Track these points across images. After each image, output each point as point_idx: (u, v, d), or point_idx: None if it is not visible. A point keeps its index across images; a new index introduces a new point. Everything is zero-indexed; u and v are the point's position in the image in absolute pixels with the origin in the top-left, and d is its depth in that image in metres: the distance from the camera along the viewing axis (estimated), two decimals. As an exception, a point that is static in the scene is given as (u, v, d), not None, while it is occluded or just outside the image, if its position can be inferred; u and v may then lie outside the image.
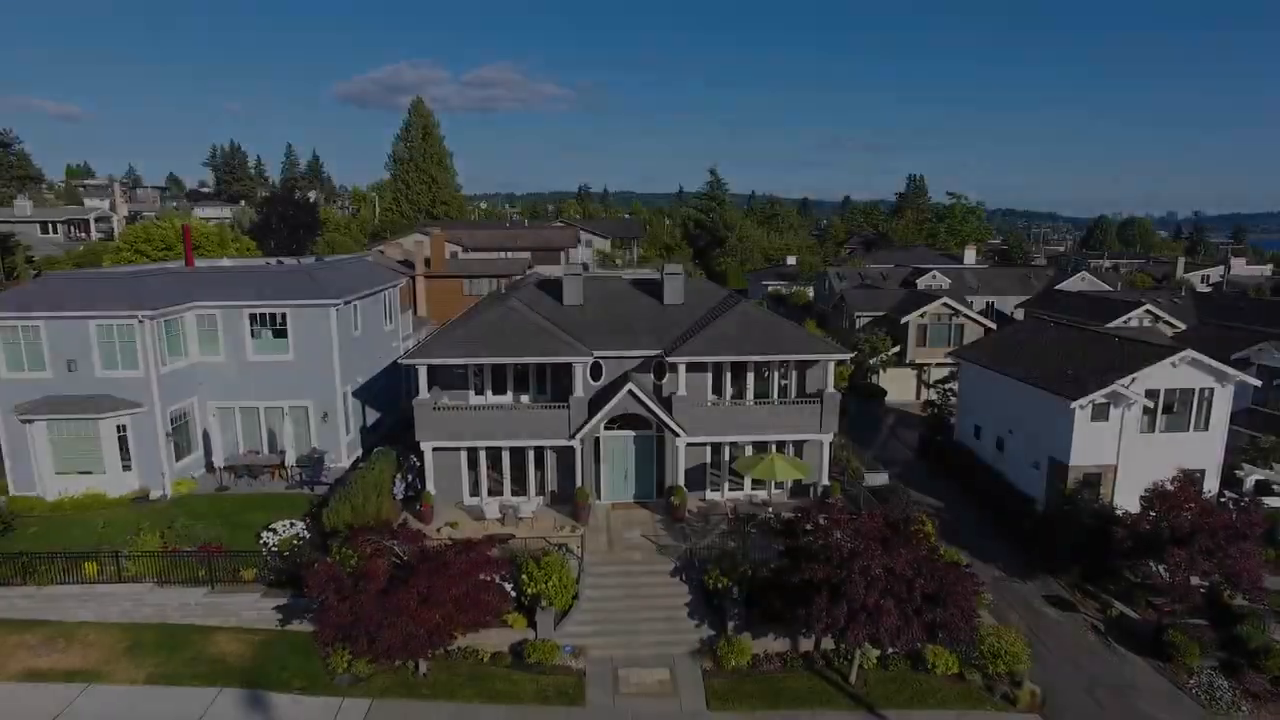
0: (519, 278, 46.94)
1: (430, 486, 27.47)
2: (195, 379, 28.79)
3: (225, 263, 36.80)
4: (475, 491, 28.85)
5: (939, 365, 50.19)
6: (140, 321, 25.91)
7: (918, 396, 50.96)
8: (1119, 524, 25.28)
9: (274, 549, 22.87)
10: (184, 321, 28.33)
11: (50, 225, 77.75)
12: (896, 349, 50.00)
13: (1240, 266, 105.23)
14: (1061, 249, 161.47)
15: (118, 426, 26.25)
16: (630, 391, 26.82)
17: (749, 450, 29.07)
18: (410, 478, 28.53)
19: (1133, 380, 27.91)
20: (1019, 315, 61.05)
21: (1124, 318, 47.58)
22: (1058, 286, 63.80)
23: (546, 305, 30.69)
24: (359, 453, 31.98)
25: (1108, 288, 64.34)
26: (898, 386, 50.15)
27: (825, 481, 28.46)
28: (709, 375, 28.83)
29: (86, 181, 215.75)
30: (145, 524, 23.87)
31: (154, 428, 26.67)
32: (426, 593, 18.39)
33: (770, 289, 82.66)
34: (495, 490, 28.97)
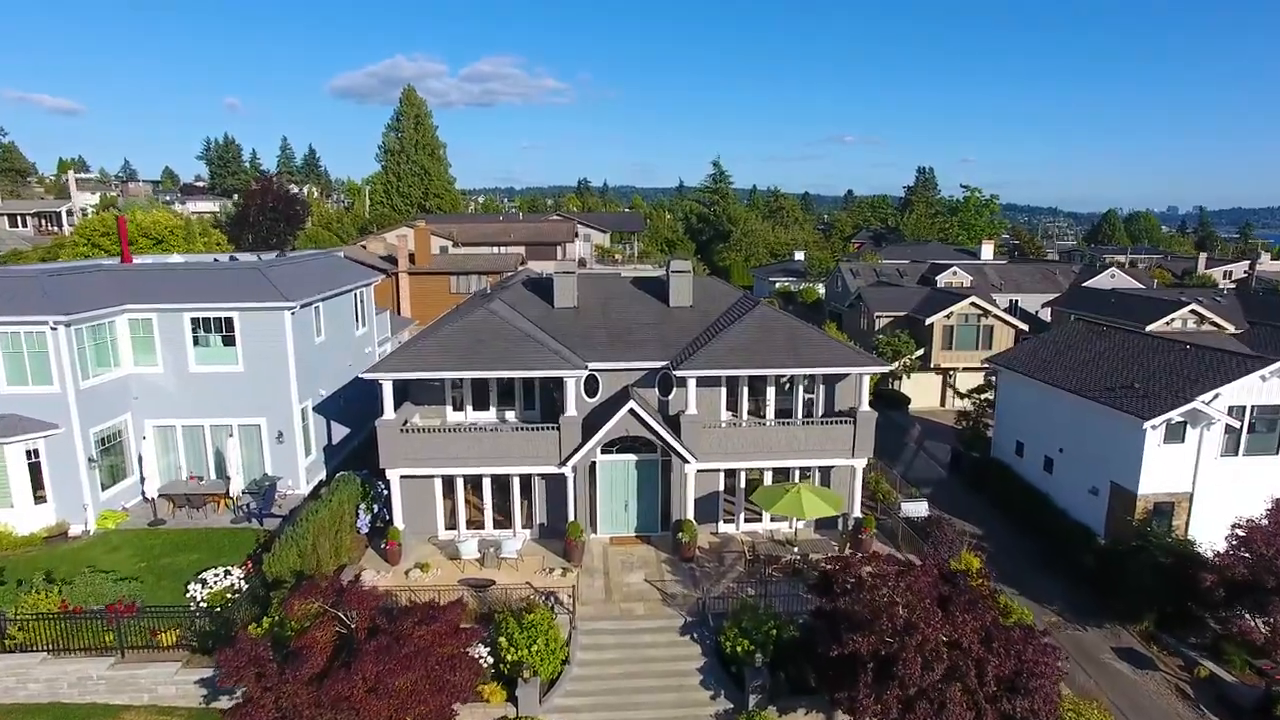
0: (509, 274, 43.06)
1: (398, 521, 23.58)
2: (128, 394, 24.88)
3: (176, 259, 32.84)
4: (452, 523, 24.98)
5: (966, 370, 46.37)
6: (53, 328, 22.00)
7: (942, 403, 47.09)
8: (1206, 567, 21.50)
9: (203, 604, 19.00)
10: (114, 327, 24.40)
11: (20, 219, 73.77)
12: (920, 352, 46.10)
13: (1265, 262, 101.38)
14: (1073, 243, 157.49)
15: (28, 452, 22.35)
16: (631, 411, 22.93)
17: (768, 477, 25.17)
18: (377, 508, 24.66)
19: (1215, 396, 24.02)
20: (1044, 315, 57.26)
21: (1167, 319, 43.78)
22: (1085, 284, 59.90)
23: (534, 308, 26.76)
24: (323, 475, 28.09)
25: (1139, 285, 60.42)
26: (921, 393, 46.27)
27: (857, 513, 24.57)
28: (723, 390, 24.93)
29: (79, 175, 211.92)
30: (59, 568, 20.03)
31: (73, 452, 22.78)
32: (375, 680, 14.52)
33: (778, 286, 78.78)
34: (475, 522, 25.10)
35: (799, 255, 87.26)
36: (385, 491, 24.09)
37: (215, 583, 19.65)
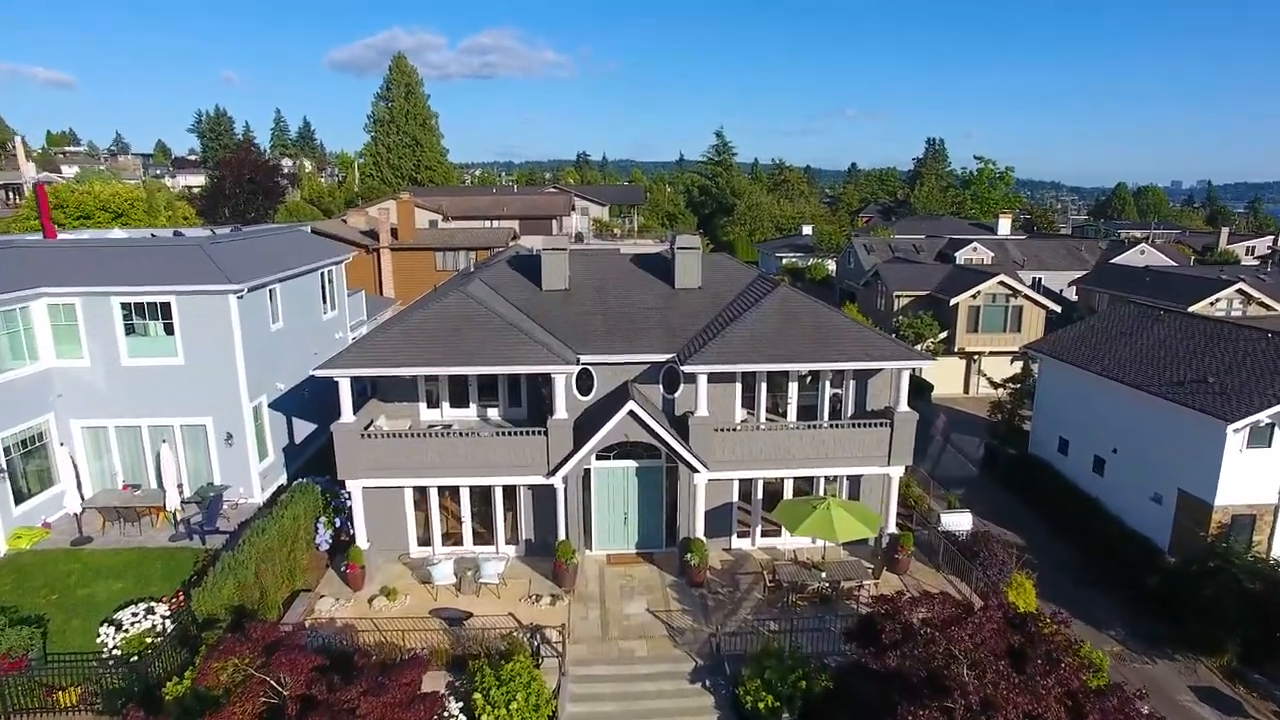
0: (500, 250, 39.52)
1: (361, 540, 20.35)
2: (49, 391, 21.53)
3: (116, 234, 29.25)
4: (426, 539, 21.76)
5: (993, 355, 42.99)
6: (-54, 317, 18.61)
7: (966, 390, 43.77)
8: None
9: (116, 652, 15.79)
10: (28, 314, 20.98)
11: (-14, 191, 69.91)
12: (943, 335, 42.67)
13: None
14: (1085, 219, 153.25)
15: (-79, 462, 19.09)
16: (631, 413, 19.59)
17: (789, 486, 21.91)
18: (340, 521, 21.46)
19: (1312, 394, 20.69)
20: (1069, 294, 53.77)
21: (1211, 298, 40.34)
22: (1114, 260, 56.32)
23: (519, 291, 23.33)
24: (283, 479, 24.86)
25: (1172, 262, 56.82)
26: (944, 379, 42.86)
27: (892, 529, 21.34)
28: (737, 386, 21.58)
29: (68, 149, 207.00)
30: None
31: (-23, 461, 19.50)
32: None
33: (785, 262, 75.08)
34: (453, 536, 21.88)
35: (806, 230, 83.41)
36: (349, 501, 20.83)
37: (133, 624, 16.40)
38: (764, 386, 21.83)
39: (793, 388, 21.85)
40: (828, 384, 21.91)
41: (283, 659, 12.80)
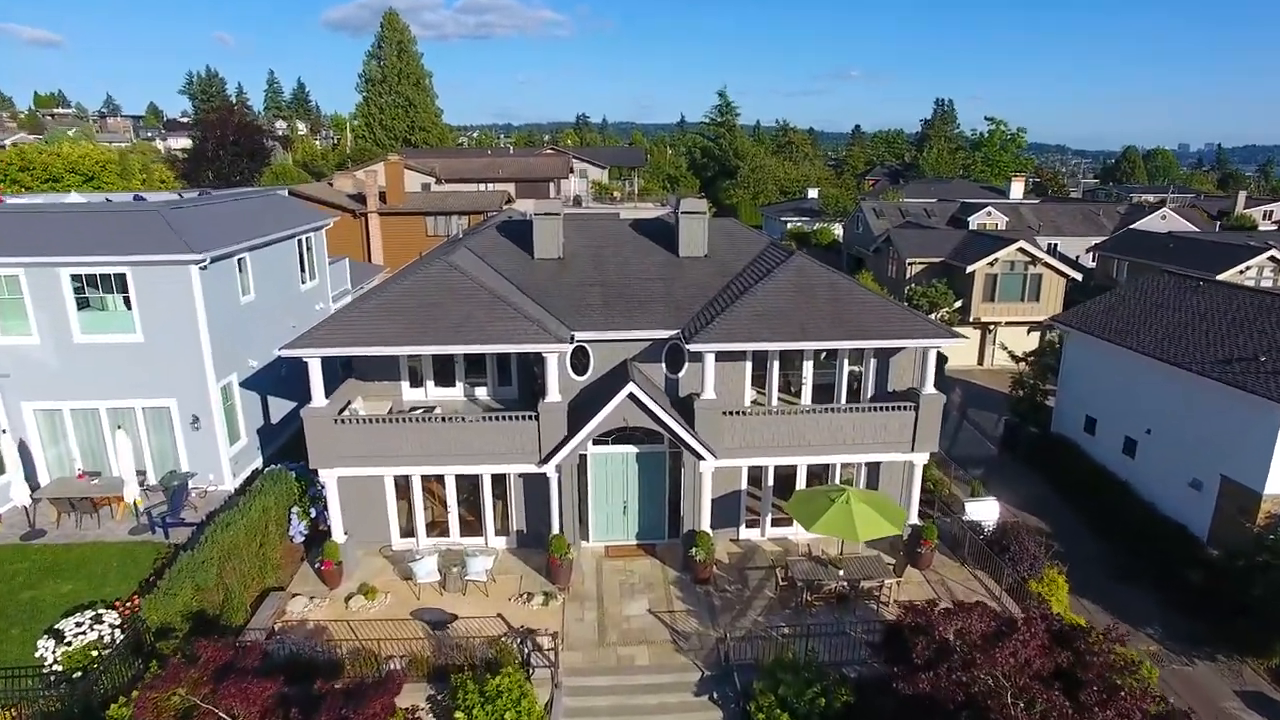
0: (494, 214, 37.41)
1: (337, 533, 18.70)
2: (-5, 370, 19.73)
3: (73, 198, 27.11)
4: (409, 529, 20.13)
5: (1009, 325, 41.12)
6: None
7: (980, 362, 41.99)
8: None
9: (56, 668, 14.21)
10: (-32, 287, 19.10)
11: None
12: (958, 304, 40.73)
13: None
14: (1094, 182, 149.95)
15: None
16: (631, 397, 17.79)
17: (802, 473, 20.21)
18: (316, 511, 19.82)
19: (1376, 375, 18.88)
20: (1086, 260, 51.66)
21: (1240, 266, 38.35)
22: (1134, 226, 54.12)
23: (509, 260, 21.39)
24: (258, 463, 23.19)
25: (1194, 228, 54.60)
26: (959, 350, 40.92)
27: (914, 519, 19.68)
28: (747, 364, 19.77)
29: (56, 111, 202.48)
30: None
31: (-87, 449, 17.76)
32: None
33: (790, 226, 72.79)
34: (438, 526, 20.26)
35: (812, 193, 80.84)
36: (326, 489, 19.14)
37: (77, 635, 14.79)
38: (776, 365, 20.02)
39: (807, 366, 20.04)
40: (845, 362, 20.10)
41: (233, 688, 11.18)
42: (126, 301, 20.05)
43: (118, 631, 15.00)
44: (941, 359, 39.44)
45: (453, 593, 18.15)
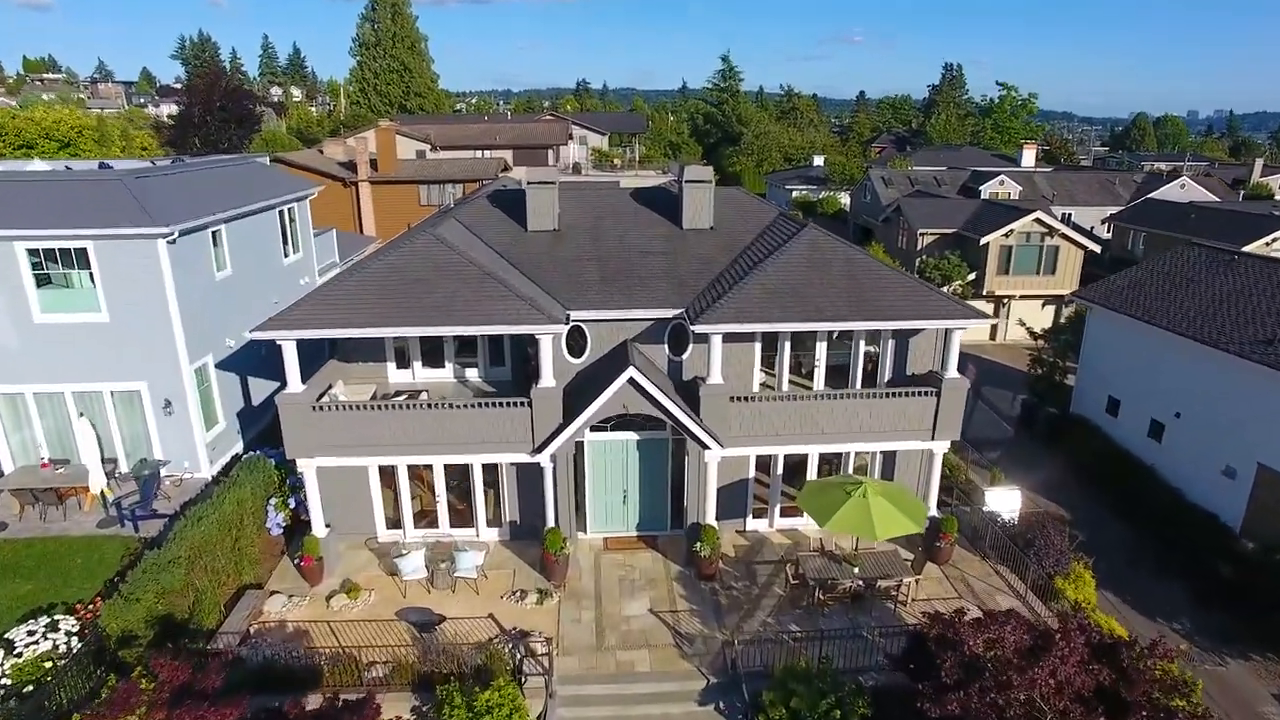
0: (489, 182, 35.81)
1: (317, 527, 17.55)
2: (-51, 352, 18.43)
3: (36, 165, 25.54)
4: (396, 520, 18.98)
5: (1024, 299, 39.69)
6: None
7: (993, 337, 40.60)
8: None
9: (6, 681, 13.10)
10: (-84, 263, 17.71)
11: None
12: (971, 277, 39.24)
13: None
14: (1104, 150, 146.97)
15: None
16: (631, 382, 16.51)
17: (814, 464, 18.99)
18: (296, 501, 18.65)
19: None
20: (1100, 231, 49.99)
21: (1267, 238, 36.81)
22: (1153, 195, 52.30)
23: (501, 232, 19.97)
24: (238, 448, 22.00)
25: (1215, 197, 52.81)
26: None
27: (933, 510, 18.49)
28: (756, 345, 18.43)
29: (46, 75, 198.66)
30: None
31: None
32: None
33: (795, 194, 70.90)
34: (427, 516, 19.10)
35: (818, 160, 78.74)
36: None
37: (29, 644, 13.65)
38: (787, 345, 18.70)
39: (820, 347, 18.72)
40: (862, 342, 18.77)
41: (187, 717, 10.04)
42: (93, 278, 18.70)
43: (74, 640, 13.86)
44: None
45: (441, 590, 17.04)
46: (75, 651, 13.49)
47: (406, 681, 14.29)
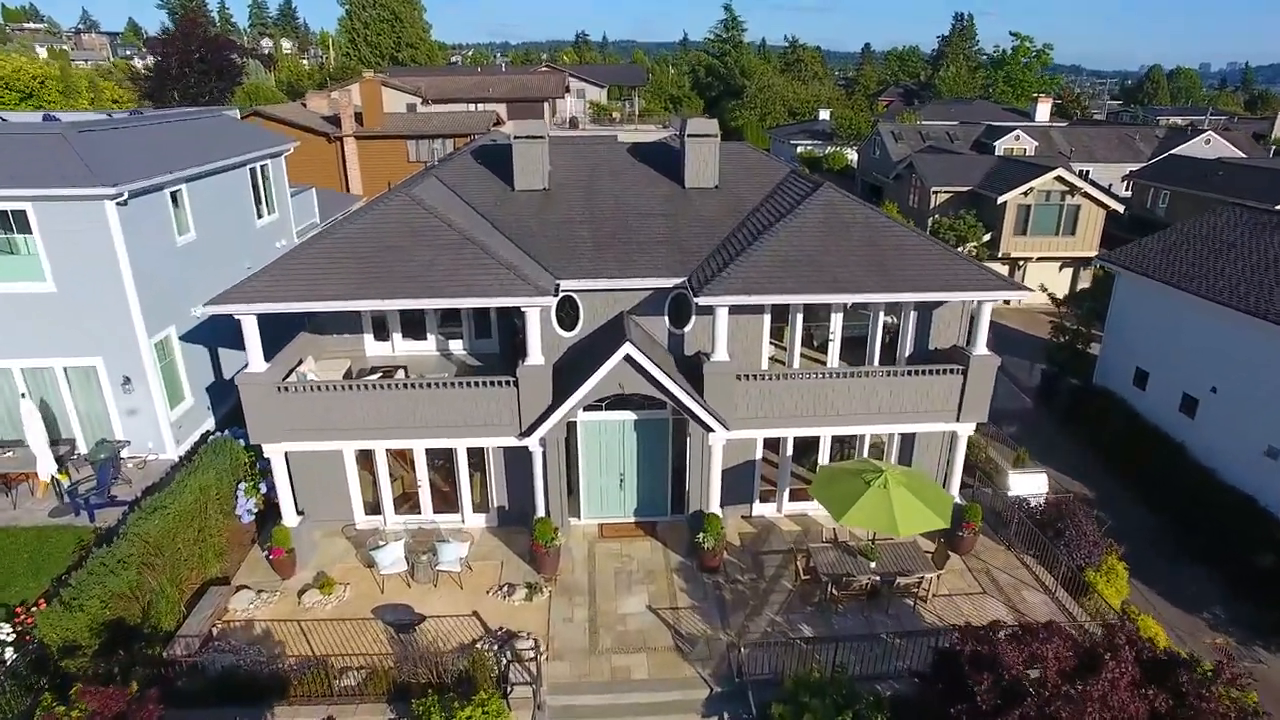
0: (481, 136, 33.77)
1: (288, 517, 16.17)
2: (-118, 325, 16.84)
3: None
4: (376, 505, 17.61)
5: (1040, 261, 37.93)
6: None
7: (1007, 301, 38.80)
8: None
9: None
10: None
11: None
12: (987, 237, 37.41)
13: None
14: (1118, 104, 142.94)
15: None
16: (628, 359, 14.96)
17: (826, 448, 17.55)
18: (268, 486, 17.24)
19: None
20: (1120, 189, 47.94)
21: (1301, 196, 34.81)
22: (1176, 151, 50.11)
23: (485, 192, 18.22)
24: (209, 425, 20.55)
25: (1241, 153, 50.57)
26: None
27: (956, 497, 17.09)
28: (765, 317, 16.83)
29: (27, 25, 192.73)
30: None
31: None
32: None
33: (800, 150, 68.47)
34: (409, 501, 17.72)
35: (824, 115, 76.00)
36: (278, 462, 16.50)
37: (-40, 655, 12.38)
38: (799, 317, 17.10)
39: (836, 319, 17.11)
40: (881, 313, 17.17)
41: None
42: (35, 244, 16.99)
43: (9, 650, 12.56)
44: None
45: (423, 583, 15.75)
46: (10, 662, 12.18)
47: (382, 691, 13.04)
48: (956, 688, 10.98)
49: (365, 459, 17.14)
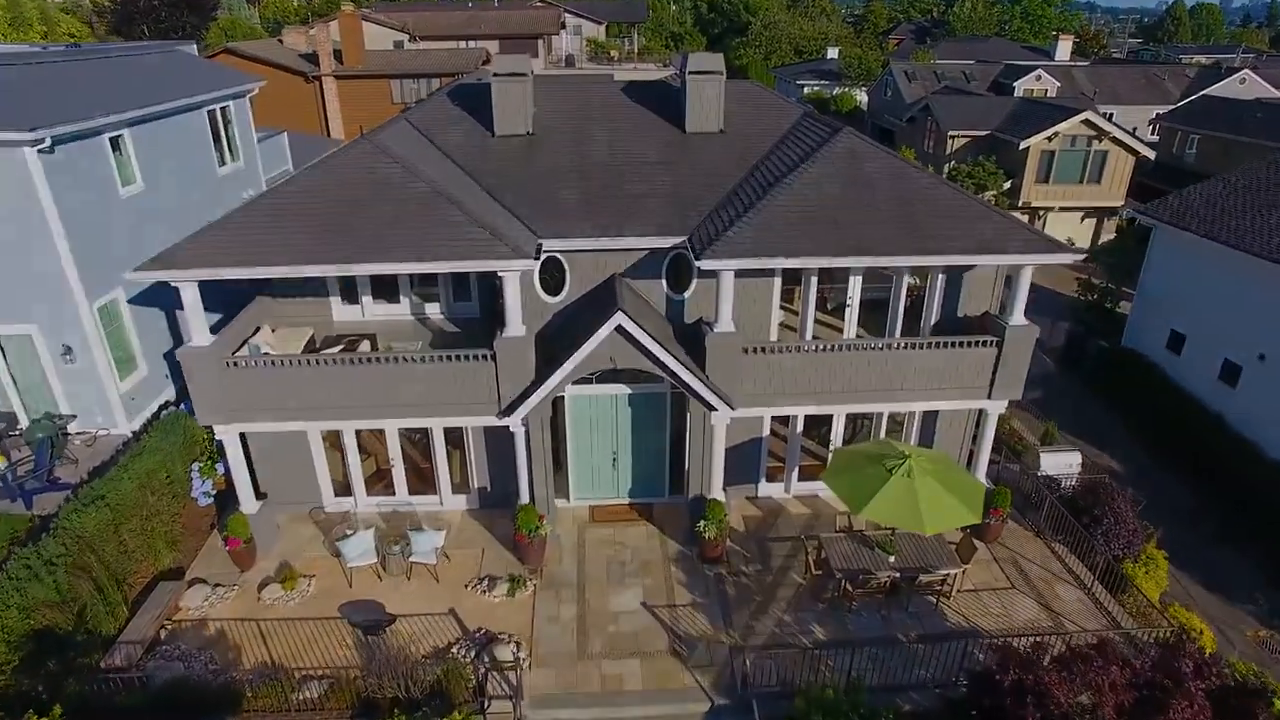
0: (467, 76, 31.31)
1: (246, 504, 14.65)
2: None
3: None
4: (345, 487, 16.08)
5: (1062, 210, 35.78)
6: None
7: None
8: None
9: None
10: None
11: None
12: (1008, 185, 35.19)
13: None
14: (1138, 42, 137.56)
15: None
16: (620, 330, 13.20)
17: (839, 429, 15.91)
18: (224, 467, 15.66)
19: None
20: (1146, 133, 45.31)
21: (1348, 142, 32.48)
22: (1207, 92, 47.26)
23: (462, 138, 16.18)
24: (168, 394, 18.87)
25: (1278, 93, 47.72)
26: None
27: (985, 482, 15.53)
28: (776, 280, 15.01)
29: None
30: None
31: None
32: None
33: (807, 90, 65.30)
34: (382, 480, 16.20)
35: (832, 53, 72.38)
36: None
37: None
38: (814, 280, 15.28)
39: (854, 282, 15.26)
40: (906, 275, 15.34)
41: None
42: (-40, 196, 15.05)
43: (-76, 662, 11.14)
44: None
45: (396, 576, 14.31)
46: (-78, 679, 10.77)
47: (346, 705, 11.68)
48: (995, 714, 9.57)
49: (333, 436, 15.54)
